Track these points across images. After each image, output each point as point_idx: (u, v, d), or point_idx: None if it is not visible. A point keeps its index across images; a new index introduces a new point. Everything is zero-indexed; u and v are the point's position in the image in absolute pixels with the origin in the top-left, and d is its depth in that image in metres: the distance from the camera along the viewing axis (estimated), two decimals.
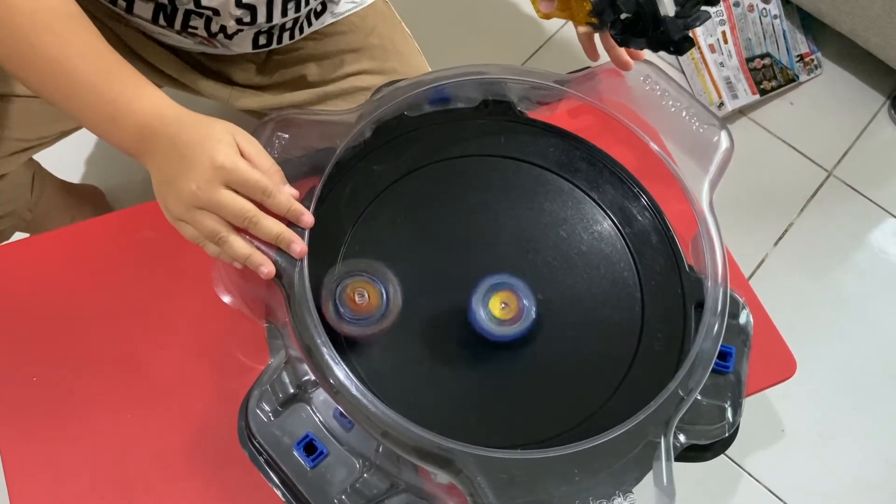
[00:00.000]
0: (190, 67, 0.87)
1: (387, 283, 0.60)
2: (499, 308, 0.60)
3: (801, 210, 1.38)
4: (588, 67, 0.77)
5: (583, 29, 0.76)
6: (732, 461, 1.12)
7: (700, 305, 0.65)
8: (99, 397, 0.66)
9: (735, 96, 1.45)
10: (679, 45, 0.66)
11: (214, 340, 0.69)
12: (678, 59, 1.50)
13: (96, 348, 0.68)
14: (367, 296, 0.59)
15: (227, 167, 0.55)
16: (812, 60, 1.54)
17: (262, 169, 0.57)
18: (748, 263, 1.31)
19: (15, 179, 0.90)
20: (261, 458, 0.59)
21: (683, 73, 1.49)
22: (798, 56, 1.53)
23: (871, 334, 1.27)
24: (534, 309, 0.60)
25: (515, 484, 0.53)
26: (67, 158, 1.22)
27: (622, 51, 0.74)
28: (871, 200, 1.41)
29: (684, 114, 0.71)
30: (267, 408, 0.59)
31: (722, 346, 0.64)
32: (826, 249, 1.35)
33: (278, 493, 0.58)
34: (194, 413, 0.66)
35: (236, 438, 0.60)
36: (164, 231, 0.60)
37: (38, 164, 1.00)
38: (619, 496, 0.53)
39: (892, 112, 1.50)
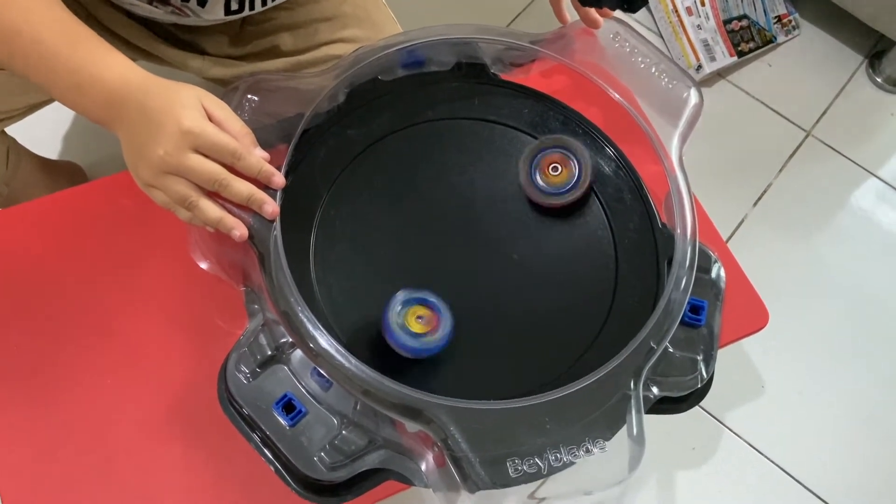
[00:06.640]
0: (161, 39, 0.86)
1: (580, 157, 0.67)
2: (414, 322, 0.58)
3: (780, 170, 1.39)
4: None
5: None
6: (713, 417, 1.13)
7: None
8: (79, 364, 0.66)
9: (713, 59, 1.45)
10: (631, 3, 0.67)
11: (193, 306, 0.69)
12: (656, 23, 1.50)
13: (75, 316, 0.68)
14: (560, 169, 0.66)
15: (195, 131, 0.55)
16: (790, 21, 1.53)
17: (232, 132, 0.57)
18: (727, 224, 1.32)
19: None
20: (241, 420, 0.60)
21: (661, 36, 1.49)
22: (776, 17, 1.53)
23: (850, 292, 1.28)
24: (450, 321, 0.58)
25: (487, 433, 0.54)
26: (45, 135, 1.21)
27: (590, 9, 0.74)
28: (849, 159, 1.41)
29: (654, 70, 0.71)
30: (245, 370, 0.60)
31: (694, 299, 0.65)
32: (805, 209, 1.36)
33: (259, 453, 0.59)
34: (174, 378, 0.66)
35: (217, 402, 0.60)
36: (140, 199, 0.60)
37: (13, 140, 1.00)
38: (589, 442, 0.54)
39: (870, 71, 1.50)
